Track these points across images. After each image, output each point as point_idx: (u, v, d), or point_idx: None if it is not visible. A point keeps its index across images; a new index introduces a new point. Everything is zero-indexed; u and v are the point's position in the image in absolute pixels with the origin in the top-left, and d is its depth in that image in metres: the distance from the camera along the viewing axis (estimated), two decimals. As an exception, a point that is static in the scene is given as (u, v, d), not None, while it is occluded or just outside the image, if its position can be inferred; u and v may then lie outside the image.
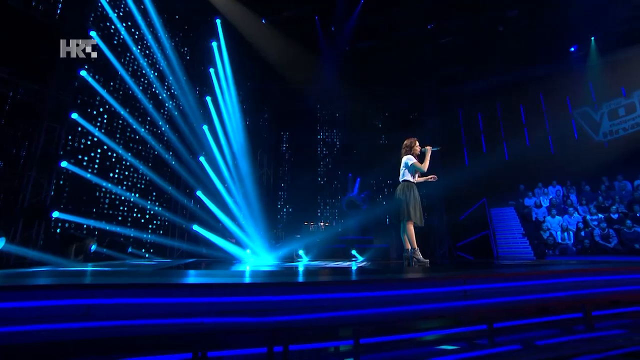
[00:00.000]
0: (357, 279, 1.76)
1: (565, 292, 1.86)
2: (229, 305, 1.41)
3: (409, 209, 3.98)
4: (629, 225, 8.15)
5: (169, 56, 7.66)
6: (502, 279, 1.82)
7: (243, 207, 7.96)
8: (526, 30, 11.03)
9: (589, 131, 12.08)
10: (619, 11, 9.95)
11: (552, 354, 1.49)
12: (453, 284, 1.81)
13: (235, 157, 8.53)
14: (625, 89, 11.38)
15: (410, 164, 4.16)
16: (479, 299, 1.77)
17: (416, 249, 4.04)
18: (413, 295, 1.66)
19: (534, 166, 11.86)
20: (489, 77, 12.49)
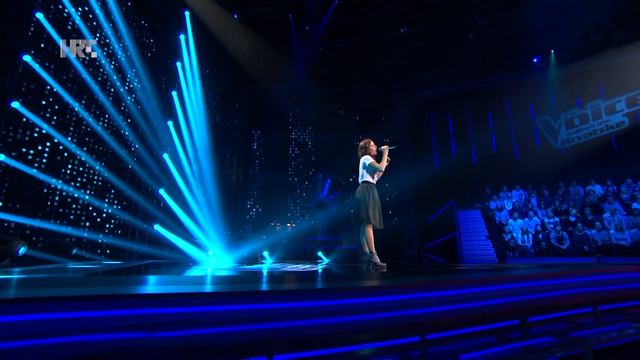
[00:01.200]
0: (276, 288, 1.64)
1: (503, 299, 1.84)
2: (119, 320, 1.24)
3: (367, 210, 3.91)
4: (579, 228, 8.60)
5: (129, 47, 7.24)
6: (441, 287, 1.78)
7: (204, 207, 7.66)
8: (494, 39, 11.42)
9: (549, 138, 12.74)
10: (574, 27, 10.54)
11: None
12: (391, 293, 1.74)
13: (198, 155, 8.19)
14: (580, 100, 12.11)
15: (368, 164, 4.10)
16: (416, 309, 1.72)
17: (374, 252, 3.99)
18: (345, 306, 1.57)
19: (500, 170, 12.36)
20: (460, 83, 12.87)
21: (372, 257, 3.98)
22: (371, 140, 4.31)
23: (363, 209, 3.94)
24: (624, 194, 9.77)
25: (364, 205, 3.94)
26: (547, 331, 1.71)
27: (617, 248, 7.94)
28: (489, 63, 12.19)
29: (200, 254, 7.10)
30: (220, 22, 9.49)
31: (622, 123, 11.38)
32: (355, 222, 4.06)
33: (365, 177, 4.13)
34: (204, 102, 8.66)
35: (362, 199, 3.98)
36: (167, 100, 8.44)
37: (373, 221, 3.92)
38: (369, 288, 1.77)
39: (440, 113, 13.59)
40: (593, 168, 11.15)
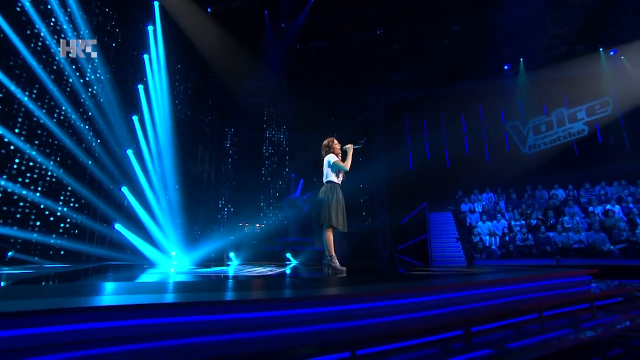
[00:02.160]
0: (193, 300, 1.50)
1: (446, 308, 1.79)
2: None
3: (330, 212, 3.76)
4: (542, 231, 8.92)
5: (85, 35, 6.79)
6: (383, 297, 1.70)
7: (165, 207, 7.32)
8: (468, 45, 11.69)
9: (518, 143, 13.21)
10: (541, 38, 10.97)
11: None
12: (332, 303, 1.63)
13: (163, 152, 7.82)
14: (546, 107, 12.64)
15: (333, 163, 3.94)
16: (354, 321, 1.62)
17: (333, 256, 3.88)
18: (271, 319, 1.45)
19: (472, 173, 12.65)
20: (435, 87, 13.08)
21: (332, 260, 3.87)
22: (335, 139, 4.17)
23: (325, 210, 3.78)
24: (583, 197, 10.25)
25: (326, 206, 3.79)
26: (488, 342, 1.66)
27: (574, 250, 8.29)
28: (463, 68, 12.46)
29: (162, 255, 6.77)
30: (191, 15, 9.14)
31: (582, 131, 11.97)
32: (317, 223, 3.91)
33: (329, 177, 3.98)
34: (171, 97, 8.27)
35: (326, 199, 3.82)
36: (133, 94, 8.02)
37: (335, 224, 3.77)
38: (310, 298, 1.66)
39: (416, 115, 13.77)
40: (557, 173, 11.64)
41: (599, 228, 8.67)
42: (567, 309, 2.45)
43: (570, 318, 2.39)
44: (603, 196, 10.05)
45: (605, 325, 2.17)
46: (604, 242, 8.28)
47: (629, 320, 2.21)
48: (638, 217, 8.65)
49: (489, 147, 13.45)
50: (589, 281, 3.17)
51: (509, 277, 2.37)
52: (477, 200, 11.66)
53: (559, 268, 7.14)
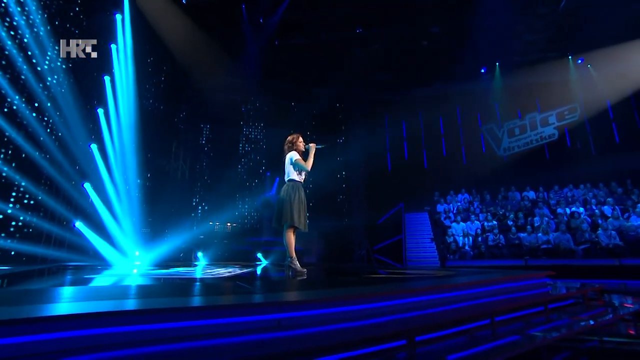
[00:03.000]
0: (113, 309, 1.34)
1: (388, 316, 1.70)
2: None
3: (292, 212, 3.64)
4: (513, 232, 9.14)
5: (36, 20, 6.35)
6: (325, 304, 1.58)
7: (129, 205, 6.98)
8: (447, 47, 11.83)
9: (493, 146, 13.51)
10: (516, 44, 11.24)
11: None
12: (266, 311, 1.50)
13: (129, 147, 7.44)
14: (520, 111, 13.00)
15: (295, 161, 3.83)
16: (295, 330, 1.50)
17: (294, 257, 3.77)
18: (202, 328, 1.31)
19: (448, 174, 12.83)
20: (414, 88, 13.18)
21: (292, 262, 3.76)
22: (300, 136, 4.04)
23: (287, 210, 3.67)
24: (552, 199, 10.59)
25: (288, 206, 3.68)
26: (433, 352, 1.58)
27: (542, 250, 8.52)
28: (441, 70, 12.61)
29: (124, 255, 6.42)
30: (164, 6, 8.77)
31: (553, 135, 12.39)
32: (277, 223, 3.79)
33: (291, 175, 3.85)
34: (141, 90, 7.86)
35: (287, 199, 3.70)
36: (99, 85, 7.59)
37: (297, 224, 3.66)
38: (241, 306, 1.52)
39: (395, 116, 13.84)
40: (529, 175, 11.96)
41: (565, 229, 8.97)
42: (521, 313, 2.43)
43: (524, 322, 2.37)
44: (570, 198, 10.42)
45: (557, 328, 2.15)
46: (569, 242, 8.57)
47: (581, 322, 2.21)
48: (600, 218, 9.01)
49: (465, 148, 13.70)
50: (545, 283, 3.20)
51: (465, 281, 2.32)
52: (452, 201, 11.84)
53: (523, 270, 7.31)
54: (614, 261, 7.52)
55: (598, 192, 10.25)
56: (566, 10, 9.57)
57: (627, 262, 7.52)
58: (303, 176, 3.91)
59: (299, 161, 3.81)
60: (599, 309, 2.83)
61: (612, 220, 8.85)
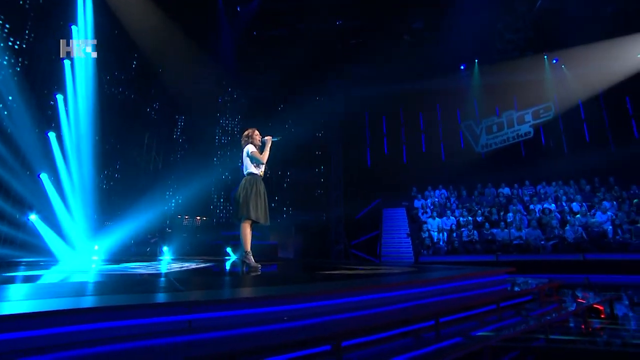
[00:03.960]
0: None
1: (315, 319, 1.56)
2: None
3: (248, 205, 3.55)
4: (486, 228, 9.26)
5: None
6: (244, 304, 1.43)
7: (84, 195, 6.59)
8: (427, 43, 11.78)
9: (471, 142, 13.64)
10: (495, 41, 11.31)
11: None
12: (174, 312, 1.33)
13: (90, 138, 7.02)
14: (498, 109, 13.15)
15: (250, 153, 3.76)
16: (208, 333, 1.34)
17: (248, 252, 3.66)
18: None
19: (427, 170, 12.88)
20: (395, 83, 13.09)
21: (247, 257, 3.66)
22: (257, 130, 3.98)
23: (243, 203, 3.57)
24: (526, 196, 10.80)
25: (244, 199, 3.59)
26: (365, 356, 1.45)
27: (514, 246, 8.67)
28: (422, 66, 12.54)
29: (74, 248, 6.03)
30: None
31: (528, 133, 12.62)
32: (235, 217, 3.68)
33: (249, 169, 3.78)
34: (100, 77, 7.40)
35: (244, 192, 3.63)
36: (58, 70, 7.09)
37: (255, 217, 3.59)
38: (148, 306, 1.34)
39: (375, 111, 13.75)
40: (505, 172, 12.14)
41: (536, 225, 9.16)
42: (476, 312, 2.36)
43: (479, 321, 2.29)
44: (543, 195, 10.66)
45: (507, 327, 2.08)
46: (539, 238, 8.76)
47: (531, 322, 2.15)
48: (569, 215, 9.25)
49: (444, 145, 13.77)
50: (505, 280, 3.16)
51: (413, 279, 2.22)
52: (430, 196, 11.90)
53: (493, 266, 7.39)
54: (579, 256, 7.72)
55: (569, 190, 10.52)
56: (542, 9, 9.67)
57: (591, 256, 7.74)
58: (262, 169, 3.84)
59: (254, 154, 3.75)
60: (553, 305, 2.81)
61: (580, 216, 9.10)
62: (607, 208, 9.11)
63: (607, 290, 5.46)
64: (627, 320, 2.85)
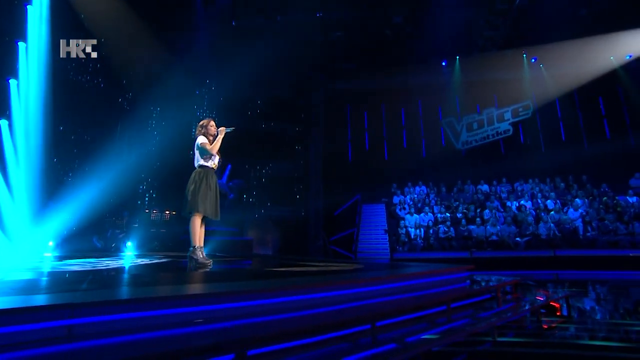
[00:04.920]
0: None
1: (220, 323, 1.39)
2: None
3: (196, 199, 3.38)
4: (463, 224, 9.28)
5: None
6: (137, 305, 1.24)
7: (39, 188, 6.20)
8: (409, 38, 11.66)
9: (452, 139, 13.67)
10: (476, 39, 11.30)
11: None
12: (52, 316, 1.13)
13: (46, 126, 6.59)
14: (479, 106, 13.21)
15: (200, 144, 3.58)
16: (91, 340, 1.14)
17: (196, 247, 3.47)
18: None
19: (408, 166, 12.83)
20: (377, 79, 12.96)
21: (194, 252, 3.47)
22: (212, 121, 3.77)
23: (191, 197, 3.41)
24: (503, 193, 10.91)
25: (193, 193, 3.42)
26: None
27: (488, 242, 8.72)
28: (404, 62, 12.45)
29: (32, 246, 5.65)
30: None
31: (508, 131, 12.73)
32: (185, 211, 3.48)
33: (200, 161, 3.60)
34: (56, 61, 6.91)
35: (193, 186, 3.46)
36: (10, 51, 6.60)
37: (203, 211, 3.42)
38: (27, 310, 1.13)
39: (357, 106, 13.61)
40: (485, 169, 12.24)
41: (511, 222, 9.25)
42: (428, 312, 2.23)
43: (428, 322, 2.16)
44: (520, 192, 10.78)
45: (454, 330, 1.96)
46: (511, 235, 8.84)
47: (481, 323, 2.05)
48: (543, 212, 9.37)
49: (426, 141, 13.77)
50: (464, 278, 3.07)
51: (354, 278, 2.06)
52: (409, 192, 11.88)
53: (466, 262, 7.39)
54: (549, 252, 7.82)
55: (544, 187, 10.68)
56: (520, 7, 9.68)
57: (561, 253, 7.86)
58: (214, 161, 3.66)
59: (204, 145, 3.57)
60: (510, 304, 2.73)
61: (554, 213, 9.24)
62: (578, 205, 9.28)
63: (575, 286, 5.52)
64: (581, 318, 2.80)
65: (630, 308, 3.52)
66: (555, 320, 2.67)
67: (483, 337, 1.96)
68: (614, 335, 2.38)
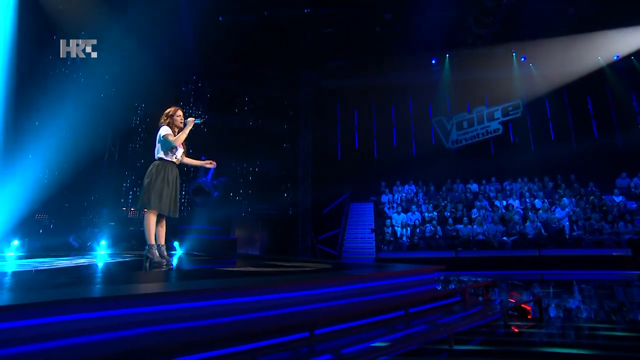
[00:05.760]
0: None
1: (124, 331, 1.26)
2: None
3: (150, 194, 3.21)
4: (450, 223, 9.22)
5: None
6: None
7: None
8: (399, 35, 11.55)
9: (442, 138, 13.59)
10: (466, 36, 11.21)
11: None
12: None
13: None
14: (470, 105, 13.15)
15: (162, 136, 3.36)
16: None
17: (152, 245, 3.32)
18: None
19: (398, 165, 12.74)
20: (367, 77, 12.84)
21: (150, 250, 3.33)
22: (180, 110, 3.57)
23: (145, 192, 3.26)
24: (492, 192, 10.86)
25: (147, 188, 3.25)
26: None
27: (474, 242, 8.66)
28: (394, 59, 12.33)
29: None
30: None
31: (497, 130, 12.70)
32: (139, 206, 3.34)
33: (160, 153, 3.39)
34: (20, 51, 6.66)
35: (148, 180, 3.28)
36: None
37: (157, 207, 3.24)
38: None
39: (347, 104, 13.48)
40: (474, 168, 12.19)
41: (498, 221, 9.20)
42: (388, 316, 2.12)
43: (387, 328, 2.05)
44: (509, 191, 10.75)
45: (407, 338, 1.84)
46: (500, 234, 8.79)
47: (442, 328, 1.94)
48: (531, 211, 9.34)
49: (415, 140, 13.68)
50: (434, 279, 2.96)
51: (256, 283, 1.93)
52: (397, 191, 11.79)
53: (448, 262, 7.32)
54: (534, 252, 7.78)
55: (533, 186, 10.65)
56: (509, 5, 9.61)
57: (547, 252, 7.82)
58: (176, 155, 3.44)
59: (166, 136, 3.35)
60: (478, 307, 2.63)
61: (542, 212, 9.21)
62: (566, 204, 9.26)
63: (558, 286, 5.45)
64: (552, 322, 2.70)
65: (609, 310, 3.44)
66: (525, 324, 2.57)
67: (440, 345, 1.85)
68: (583, 341, 2.28)
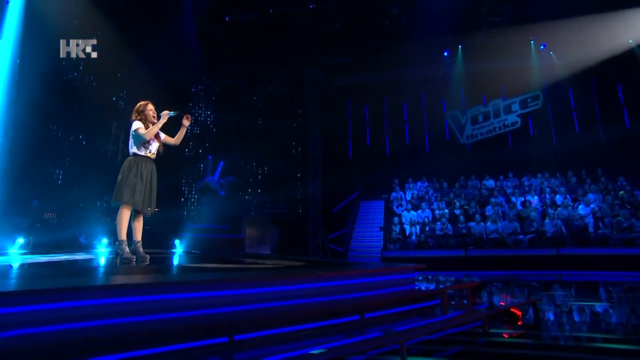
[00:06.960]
0: None
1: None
2: None
3: (122, 189, 3.21)
4: (461, 221, 8.81)
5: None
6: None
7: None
8: (408, 28, 11.21)
9: (456, 133, 13.05)
10: (480, 25, 10.67)
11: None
12: None
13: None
14: (485, 97, 12.52)
15: (134, 130, 3.36)
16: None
17: (123, 241, 3.32)
18: None
19: (411, 162, 12.35)
20: (377, 73, 12.54)
21: (120, 246, 3.33)
22: (151, 104, 3.55)
23: (118, 187, 3.25)
24: (509, 188, 10.29)
25: (120, 182, 3.25)
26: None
27: (489, 240, 8.22)
28: (405, 53, 11.96)
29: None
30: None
31: (516, 123, 12.02)
32: (112, 201, 3.37)
33: (133, 148, 3.41)
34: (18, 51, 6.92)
35: (121, 175, 3.28)
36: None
37: (129, 202, 3.23)
38: None
39: (358, 101, 13.21)
40: (491, 163, 11.60)
41: (514, 218, 8.69)
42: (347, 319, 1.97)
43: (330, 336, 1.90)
44: (527, 187, 10.15)
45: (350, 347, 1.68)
46: (516, 232, 8.29)
47: (391, 338, 1.74)
48: (550, 208, 8.74)
49: (429, 135, 13.22)
50: (413, 279, 2.75)
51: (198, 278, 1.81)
52: (409, 188, 11.43)
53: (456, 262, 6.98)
54: (552, 251, 7.27)
55: (554, 181, 10.00)
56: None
57: (566, 251, 7.28)
58: (150, 150, 3.44)
59: (138, 131, 3.34)
60: (457, 312, 2.41)
61: (562, 209, 8.60)
62: (590, 200, 8.60)
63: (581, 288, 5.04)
64: (547, 329, 2.44)
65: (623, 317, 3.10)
66: (513, 332, 2.34)
67: (392, 356, 1.68)
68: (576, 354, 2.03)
